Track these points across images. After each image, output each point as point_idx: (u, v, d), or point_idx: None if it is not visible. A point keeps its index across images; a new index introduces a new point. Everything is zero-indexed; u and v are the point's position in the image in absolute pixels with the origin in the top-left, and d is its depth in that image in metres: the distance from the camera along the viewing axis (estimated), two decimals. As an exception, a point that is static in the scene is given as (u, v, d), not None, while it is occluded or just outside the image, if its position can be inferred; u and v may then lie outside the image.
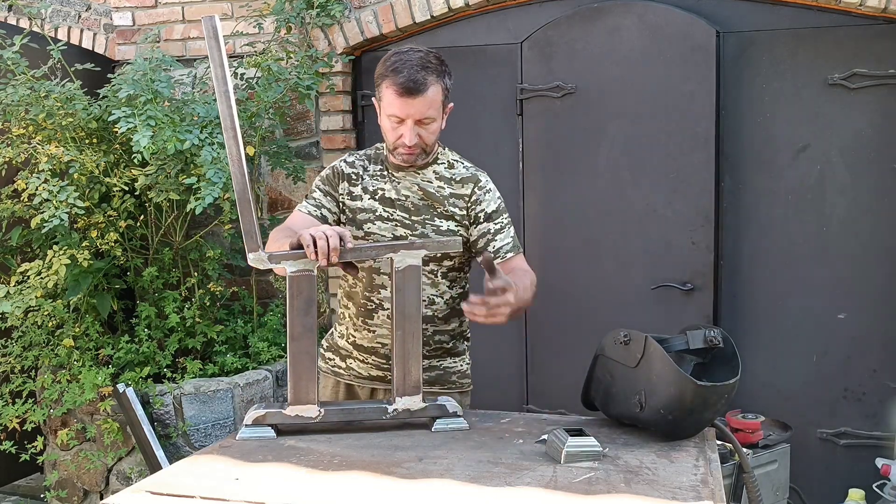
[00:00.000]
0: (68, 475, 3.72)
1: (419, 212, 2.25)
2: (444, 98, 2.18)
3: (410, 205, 2.26)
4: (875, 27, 3.36)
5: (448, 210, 2.26)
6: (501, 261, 2.23)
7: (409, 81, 2.10)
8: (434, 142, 2.23)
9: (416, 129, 2.15)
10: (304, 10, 3.87)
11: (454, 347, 2.38)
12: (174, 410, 3.48)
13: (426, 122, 2.16)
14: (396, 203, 2.26)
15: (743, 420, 3.09)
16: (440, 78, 2.16)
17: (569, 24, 3.70)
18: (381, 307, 2.27)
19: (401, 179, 2.27)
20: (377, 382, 2.35)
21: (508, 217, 2.32)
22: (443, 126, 2.24)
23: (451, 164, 2.33)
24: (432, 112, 2.15)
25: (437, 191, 2.27)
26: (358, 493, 1.63)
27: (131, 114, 3.27)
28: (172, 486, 1.68)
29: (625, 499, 1.56)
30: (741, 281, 3.63)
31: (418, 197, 2.26)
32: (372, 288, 2.27)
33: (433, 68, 2.15)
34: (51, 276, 3.37)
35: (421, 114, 2.14)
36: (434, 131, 2.20)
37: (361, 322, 2.31)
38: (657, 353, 1.90)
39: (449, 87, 2.20)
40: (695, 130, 3.55)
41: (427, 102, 2.13)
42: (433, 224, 2.24)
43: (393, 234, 2.24)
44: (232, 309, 4.11)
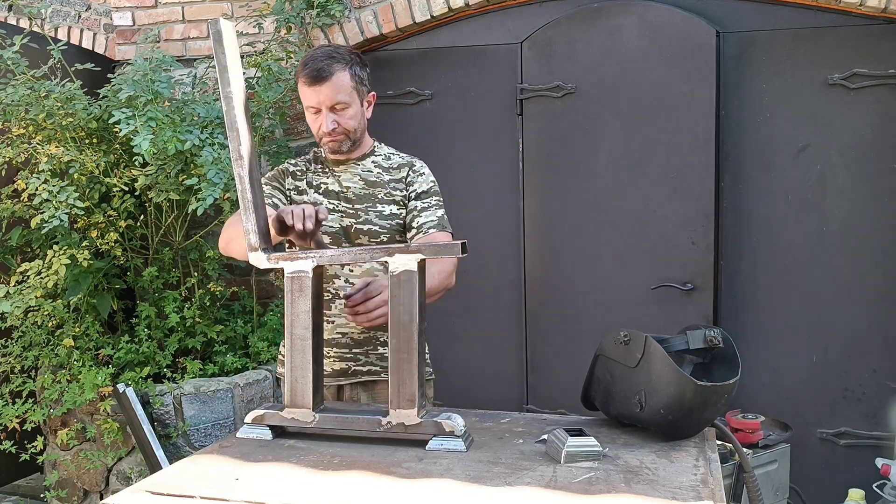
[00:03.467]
0: (68, 475, 3.72)
1: (361, 200, 2.36)
2: (357, 84, 2.29)
3: (352, 194, 2.37)
4: (875, 27, 3.36)
5: (389, 194, 2.37)
6: (423, 235, 2.31)
7: (314, 70, 2.23)
8: (356, 127, 2.32)
9: (332, 116, 2.27)
10: (304, 10, 3.87)
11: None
12: (174, 410, 3.48)
13: (339, 108, 2.27)
14: (340, 195, 2.37)
15: (743, 420, 3.09)
16: (347, 65, 2.27)
17: (569, 24, 3.70)
18: (337, 296, 2.34)
19: (341, 173, 2.39)
20: (341, 378, 2.38)
21: (440, 201, 2.43)
22: (368, 115, 2.36)
23: (388, 156, 2.45)
24: (342, 97, 2.26)
25: (377, 177, 2.39)
26: (358, 493, 1.63)
27: (132, 115, 3.27)
28: (172, 486, 1.68)
29: (625, 499, 1.56)
30: (741, 281, 3.63)
31: (359, 186, 2.37)
32: (326, 279, 2.32)
33: (339, 57, 2.27)
34: (51, 276, 3.37)
35: (331, 99, 2.25)
36: (351, 116, 2.29)
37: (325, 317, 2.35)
38: (657, 353, 1.90)
39: (360, 75, 2.30)
40: (695, 130, 3.55)
41: (334, 87, 2.24)
42: (376, 210, 2.35)
43: (340, 224, 2.35)
44: (232, 309, 4.11)
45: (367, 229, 2.34)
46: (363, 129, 2.37)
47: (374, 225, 2.34)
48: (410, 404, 1.87)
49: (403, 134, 4.05)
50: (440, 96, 3.98)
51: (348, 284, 2.34)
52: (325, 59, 2.25)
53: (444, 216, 2.40)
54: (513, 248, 3.91)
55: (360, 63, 2.32)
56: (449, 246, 1.87)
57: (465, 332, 4.07)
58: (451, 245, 1.86)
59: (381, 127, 4.06)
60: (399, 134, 4.05)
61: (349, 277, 2.34)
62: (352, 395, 2.42)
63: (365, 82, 2.33)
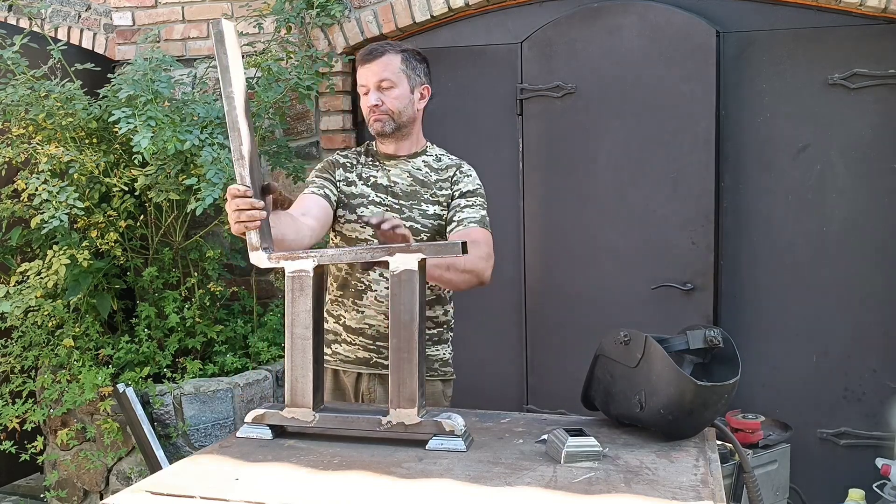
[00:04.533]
0: (68, 475, 3.71)
1: (408, 197, 2.39)
2: (406, 69, 2.34)
3: (399, 190, 2.39)
4: (875, 27, 3.36)
5: (435, 194, 2.39)
6: (462, 229, 2.31)
7: (368, 49, 2.35)
8: (400, 109, 2.34)
9: (377, 94, 2.32)
10: (304, 10, 3.87)
11: (439, 336, 2.46)
12: (174, 410, 3.48)
13: (385, 87, 2.32)
14: (388, 189, 2.39)
15: (743, 420, 3.09)
16: (399, 51, 2.35)
17: (569, 24, 3.70)
18: (370, 288, 2.38)
19: (392, 168, 2.42)
20: (362, 366, 2.43)
21: (484, 203, 2.43)
22: (419, 106, 2.39)
23: (439, 157, 2.48)
24: (388, 74, 2.31)
25: (425, 177, 2.42)
26: (358, 493, 1.63)
27: (132, 114, 3.27)
28: (172, 486, 1.68)
29: (625, 499, 1.56)
30: (741, 281, 3.63)
31: (407, 183, 2.40)
32: (359, 279, 2.39)
33: (396, 45, 2.38)
34: (51, 276, 3.37)
35: (377, 75, 2.31)
36: (397, 97, 2.33)
37: (351, 303, 2.41)
38: (657, 353, 1.90)
39: (413, 63, 2.36)
40: (695, 130, 3.55)
41: (382, 65, 2.31)
42: (420, 208, 2.37)
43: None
44: (232, 309, 4.11)
45: (410, 227, 2.31)
46: (411, 118, 2.38)
47: (416, 223, 2.35)
48: (410, 404, 1.87)
49: (403, 134, 4.05)
50: (440, 96, 3.96)
51: (382, 278, 2.35)
52: (377, 45, 2.36)
53: (487, 218, 2.41)
54: (513, 248, 3.91)
55: (418, 57, 2.39)
56: (449, 245, 1.85)
57: (465, 332, 4.05)
58: (452, 244, 1.84)
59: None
60: (399, 134, 4.06)
61: (383, 271, 2.33)
62: (369, 386, 2.45)
63: (419, 73, 2.37)
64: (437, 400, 2.46)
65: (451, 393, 2.54)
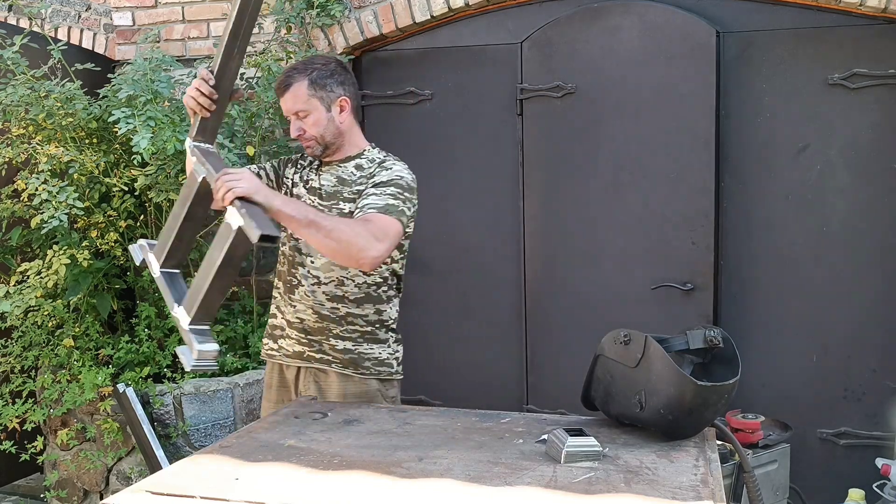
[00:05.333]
0: (68, 475, 3.71)
1: (329, 197, 2.43)
2: (316, 92, 2.36)
3: (324, 192, 2.45)
4: (875, 27, 3.36)
5: (353, 192, 2.39)
6: (360, 214, 2.29)
7: (277, 83, 2.42)
8: (321, 133, 2.39)
9: (298, 123, 2.38)
10: (304, 10, 3.87)
11: (373, 334, 2.49)
12: (174, 410, 3.48)
13: (302, 115, 2.37)
14: (317, 191, 2.46)
15: (743, 420, 3.09)
16: (307, 75, 2.37)
17: (569, 24, 3.70)
18: (301, 284, 2.45)
19: (325, 172, 2.48)
20: (298, 360, 2.50)
21: (398, 192, 2.31)
22: (341, 119, 2.40)
23: (373, 159, 2.46)
24: (300, 105, 2.36)
25: (349, 176, 2.44)
26: (358, 493, 1.63)
27: (131, 114, 3.27)
28: (172, 486, 1.68)
29: (625, 499, 1.56)
30: (741, 281, 3.63)
31: (332, 184, 2.44)
32: (290, 265, 2.48)
33: (301, 68, 2.40)
34: (51, 276, 3.37)
35: (291, 108, 2.38)
36: (314, 123, 2.37)
37: (288, 298, 2.49)
38: (657, 353, 1.90)
39: (322, 83, 2.37)
40: (695, 130, 3.55)
41: (292, 97, 2.37)
42: (338, 207, 2.41)
43: None
44: (232, 309, 4.11)
45: None
46: (337, 134, 2.41)
47: None
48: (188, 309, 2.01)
49: (403, 134, 4.05)
50: (440, 96, 3.98)
51: (311, 274, 2.43)
52: (288, 72, 2.39)
53: (398, 206, 2.28)
54: (513, 248, 3.91)
55: (327, 71, 2.38)
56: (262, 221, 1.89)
57: (465, 332, 4.07)
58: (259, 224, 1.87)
59: (381, 127, 4.08)
60: (399, 134, 4.06)
61: (311, 269, 2.43)
62: (305, 382, 2.51)
63: (331, 89, 2.38)
64: (373, 398, 2.48)
65: (394, 393, 2.55)
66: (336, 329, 2.44)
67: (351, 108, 2.43)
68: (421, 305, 4.10)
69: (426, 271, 4.07)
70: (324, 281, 2.42)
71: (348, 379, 2.45)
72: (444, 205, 4.02)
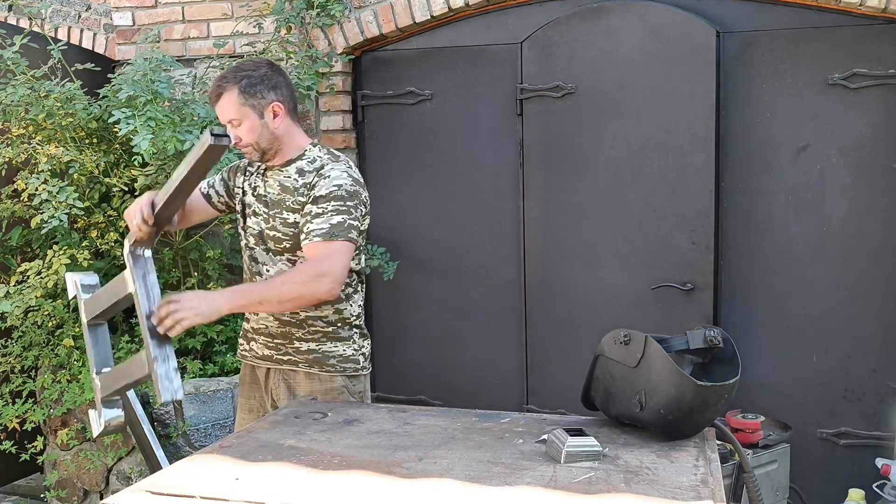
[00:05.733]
0: (68, 475, 3.71)
1: (274, 205, 2.44)
2: (247, 100, 2.35)
3: (269, 199, 2.45)
4: (875, 27, 3.36)
5: (296, 201, 2.39)
6: (308, 243, 2.33)
7: (209, 94, 2.43)
8: (256, 140, 2.38)
9: (234, 132, 2.37)
10: (304, 10, 3.87)
11: (335, 333, 2.50)
12: (174, 410, 3.48)
13: (236, 124, 2.37)
14: (262, 198, 2.47)
15: (743, 420, 3.09)
16: (235, 82, 2.36)
17: (569, 24, 3.70)
18: None
19: (269, 177, 2.47)
20: (268, 362, 2.55)
21: (341, 206, 2.33)
22: (276, 124, 2.38)
23: (313, 160, 2.44)
24: (231, 114, 2.36)
25: (292, 184, 2.42)
26: (358, 493, 1.63)
27: (131, 114, 3.27)
28: (172, 486, 1.68)
29: (625, 499, 1.56)
30: (741, 281, 3.63)
31: (276, 192, 2.44)
32: (251, 274, 2.53)
33: (229, 77, 2.38)
34: (51, 276, 3.37)
35: (224, 117, 2.39)
36: (248, 130, 2.36)
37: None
38: (657, 353, 1.90)
39: (252, 90, 2.35)
40: (695, 130, 3.55)
41: (224, 106, 2.37)
42: (281, 216, 2.41)
43: (260, 227, 2.46)
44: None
45: (274, 235, 2.43)
46: (272, 139, 2.39)
47: (278, 232, 2.42)
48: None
49: (403, 134, 4.05)
50: (440, 96, 3.98)
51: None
52: (219, 80, 2.39)
53: (344, 223, 2.31)
54: (513, 248, 3.91)
55: (257, 77, 2.37)
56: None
57: (465, 332, 4.07)
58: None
59: (381, 127, 4.09)
60: (399, 134, 4.06)
61: (267, 277, 2.47)
62: (275, 382, 2.55)
63: (263, 95, 2.36)
64: (339, 394, 2.49)
65: (361, 388, 2.55)
66: (298, 332, 2.48)
67: (285, 111, 2.40)
68: (421, 305, 4.10)
69: (426, 271, 4.07)
70: None
71: (315, 377, 2.49)
72: (444, 205, 4.02)
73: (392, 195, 4.09)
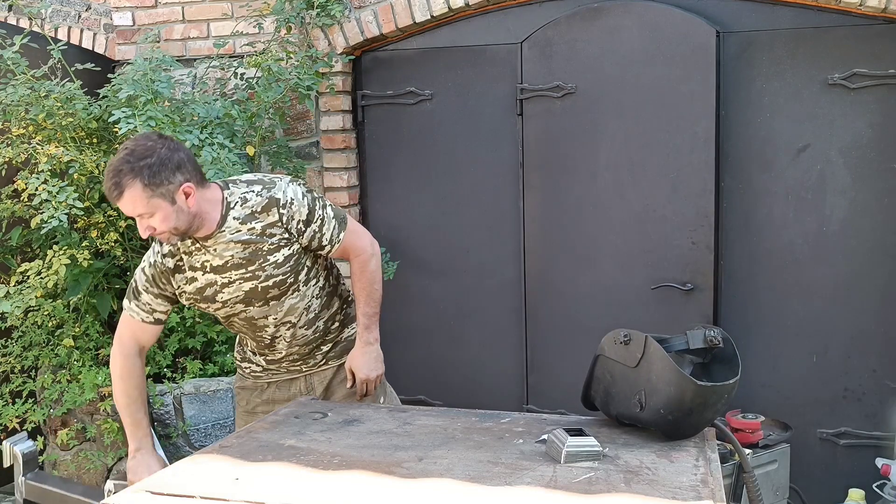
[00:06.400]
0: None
1: (250, 262, 2.31)
2: (154, 191, 2.11)
3: (237, 261, 2.31)
4: (875, 27, 3.36)
5: (272, 243, 2.31)
6: (339, 246, 2.40)
7: (107, 189, 2.13)
8: (174, 226, 2.18)
9: (144, 223, 2.17)
10: (304, 10, 3.87)
11: (346, 316, 2.58)
12: (174, 410, 3.48)
13: (146, 217, 2.15)
14: (226, 265, 2.31)
15: (743, 420, 3.09)
16: (135, 175, 2.10)
17: (569, 24, 3.70)
18: (277, 337, 2.48)
19: (211, 247, 2.29)
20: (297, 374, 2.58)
21: (323, 204, 2.38)
22: (189, 204, 2.17)
23: (244, 200, 2.29)
24: (139, 209, 2.13)
25: (249, 235, 2.28)
26: (358, 493, 1.63)
27: (131, 114, 3.27)
28: (172, 486, 1.68)
29: (625, 499, 1.56)
30: (741, 281, 3.63)
31: (239, 251, 2.29)
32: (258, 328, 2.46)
33: (126, 170, 2.10)
34: (51, 276, 3.37)
35: (130, 213, 2.16)
36: (162, 220, 2.15)
37: (270, 350, 2.52)
38: (657, 353, 1.90)
39: (157, 180, 2.11)
40: (695, 130, 3.55)
41: (129, 203, 2.13)
42: (268, 262, 2.32)
43: (243, 290, 2.35)
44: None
45: (272, 283, 2.35)
46: (192, 218, 2.20)
47: (275, 276, 2.34)
48: None
49: (403, 134, 4.05)
50: (440, 96, 3.98)
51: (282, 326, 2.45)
52: (115, 175, 2.10)
53: (338, 213, 2.41)
54: (513, 248, 3.91)
55: (157, 162, 2.11)
56: None
57: (465, 332, 4.07)
58: None
59: (381, 127, 4.09)
60: (399, 134, 4.06)
61: (280, 322, 2.44)
62: (307, 384, 2.58)
63: (170, 180, 2.13)
64: None
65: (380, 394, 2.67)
66: (325, 339, 2.55)
67: (195, 182, 2.19)
68: (421, 305, 4.10)
69: (426, 271, 4.07)
70: (298, 323, 2.46)
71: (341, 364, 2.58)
72: (443, 204, 4.02)
73: (392, 195, 4.09)
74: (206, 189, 2.25)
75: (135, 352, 2.39)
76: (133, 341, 2.40)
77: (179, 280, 2.34)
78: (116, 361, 2.39)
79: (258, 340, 2.49)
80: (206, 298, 2.36)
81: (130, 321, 2.39)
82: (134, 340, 2.40)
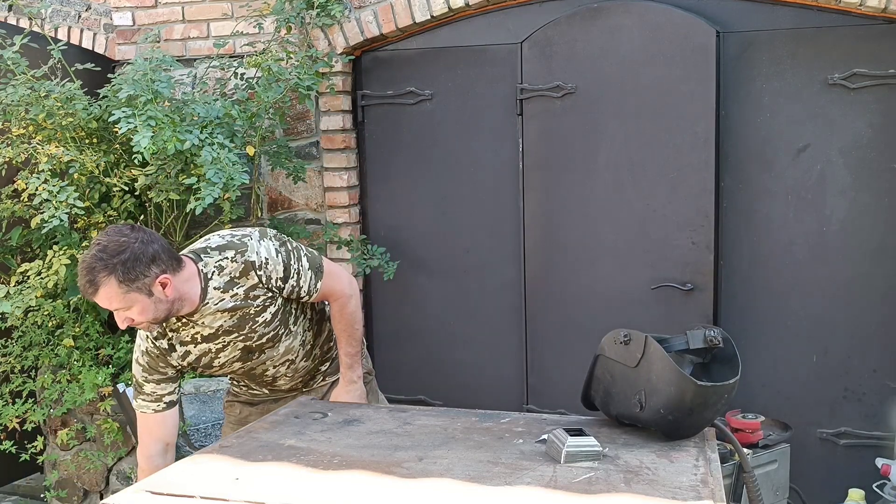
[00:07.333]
0: (68, 475, 3.72)
1: (240, 326, 2.31)
2: (129, 286, 2.07)
3: (227, 327, 2.30)
4: (875, 27, 3.36)
5: (257, 304, 2.30)
6: (317, 294, 2.38)
7: (82, 287, 2.09)
8: (154, 317, 2.14)
9: (123, 314, 2.12)
10: (304, 10, 3.87)
11: (331, 334, 2.60)
12: (174, 410, 3.48)
13: (123, 310, 2.12)
14: (219, 332, 2.30)
15: (743, 420, 3.09)
16: (109, 272, 2.05)
17: (569, 24, 3.70)
18: (279, 375, 2.51)
19: (200, 318, 2.27)
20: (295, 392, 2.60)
21: (295, 255, 2.32)
22: (167, 293, 2.12)
23: (221, 268, 2.24)
24: (116, 304, 2.10)
25: (234, 301, 2.26)
26: (358, 493, 1.63)
27: (132, 114, 3.27)
28: (172, 486, 1.68)
29: (625, 499, 1.56)
30: (741, 281, 3.63)
31: (228, 318, 2.29)
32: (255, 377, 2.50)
33: (99, 267, 2.05)
34: (51, 276, 3.37)
35: (108, 307, 2.12)
36: (140, 312, 2.12)
37: (271, 389, 2.57)
38: (657, 353, 1.90)
39: (132, 275, 2.06)
40: (694, 130, 3.55)
41: (105, 300, 2.09)
42: (257, 322, 2.32)
43: (238, 350, 2.36)
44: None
45: (266, 339, 2.37)
46: (170, 306, 2.15)
47: (266, 333, 2.35)
48: None
49: (403, 134, 4.05)
50: (440, 96, 3.98)
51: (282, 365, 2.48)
52: (89, 273, 2.05)
53: (313, 261, 2.36)
54: (513, 248, 3.91)
55: (131, 257, 2.05)
56: None
57: (465, 332, 4.07)
58: None
59: (381, 127, 4.09)
60: (399, 134, 4.06)
61: (279, 361, 2.46)
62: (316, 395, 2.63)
63: (145, 274, 2.07)
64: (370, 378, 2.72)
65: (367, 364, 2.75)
66: (323, 361, 2.62)
67: (171, 271, 2.13)
68: (421, 305, 4.10)
69: (426, 271, 4.07)
70: (296, 359, 2.50)
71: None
72: (444, 205, 4.02)
73: (392, 195, 4.09)
74: (182, 270, 2.17)
75: (157, 451, 2.33)
76: (151, 439, 2.34)
77: (176, 357, 2.32)
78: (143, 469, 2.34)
79: (260, 382, 2.53)
80: (205, 366, 2.37)
81: (144, 418, 2.34)
82: (152, 439, 2.34)
